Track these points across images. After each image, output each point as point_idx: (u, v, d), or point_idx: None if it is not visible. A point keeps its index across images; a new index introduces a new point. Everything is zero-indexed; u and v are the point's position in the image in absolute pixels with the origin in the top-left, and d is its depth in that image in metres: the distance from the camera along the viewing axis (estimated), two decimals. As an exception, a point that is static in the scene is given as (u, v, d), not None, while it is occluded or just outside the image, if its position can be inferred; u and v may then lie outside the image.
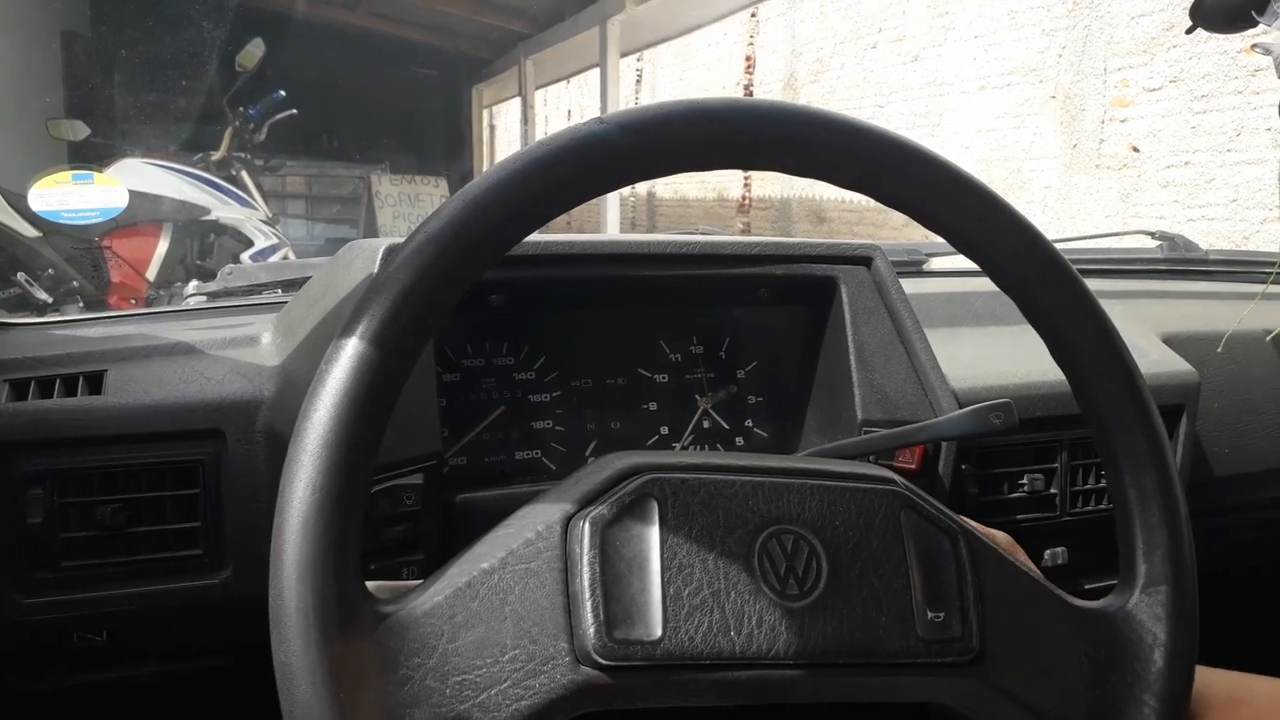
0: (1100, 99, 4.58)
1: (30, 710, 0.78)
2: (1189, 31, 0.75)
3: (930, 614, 0.50)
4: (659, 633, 0.45)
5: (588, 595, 0.45)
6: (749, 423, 0.94)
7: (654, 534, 0.47)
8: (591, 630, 0.45)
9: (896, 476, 0.53)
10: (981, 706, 0.50)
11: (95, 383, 0.80)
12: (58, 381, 0.79)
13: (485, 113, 12.07)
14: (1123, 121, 4.46)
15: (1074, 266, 0.52)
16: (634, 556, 0.47)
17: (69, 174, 1.11)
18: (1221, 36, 3.58)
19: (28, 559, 0.74)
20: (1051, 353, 0.53)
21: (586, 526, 0.47)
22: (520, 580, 0.45)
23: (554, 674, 0.44)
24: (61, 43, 5.56)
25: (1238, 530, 1.20)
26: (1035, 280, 0.52)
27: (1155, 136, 4.30)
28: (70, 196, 1.10)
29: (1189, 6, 1.01)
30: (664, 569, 0.47)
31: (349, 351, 0.42)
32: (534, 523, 0.47)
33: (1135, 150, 4.40)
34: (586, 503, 0.48)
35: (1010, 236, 0.51)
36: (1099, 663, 0.52)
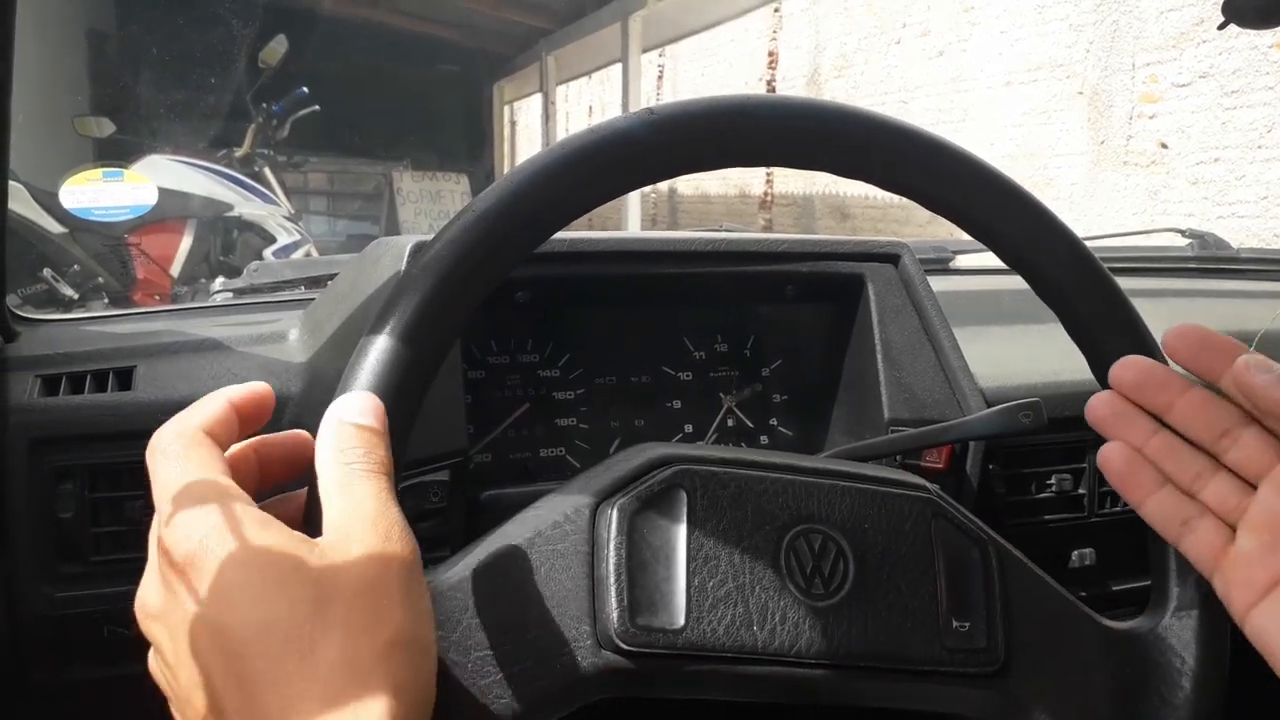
0: (1128, 94, 4.53)
1: (54, 704, 0.79)
2: (1221, 27, 0.74)
3: (956, 623, 0.49)
4: (682, 622, 0.45)
5: (612, 580, 0.45)
6: (774, 421, 0.93)
7: (681, 524, 0.47)
8: (615, 615, 0.45)
9: (929, 484, 0.53)
10: (1002, 719, 0.50)
11: (125, 378, 0.81)
12: (88, 377, 0.80)
13: (506, 109, 12.10)
14: (1151, 117, 4.42)
15: (1114, 276, 0.52)
16: (660, 545, 0.47)
17: (99, 171, 1.12)
18: (1253, 32, 3.53)
19: (58, 553, 0.75)
20: (1090, 365, 0.53)
21: (615, 513, 0.47)
22: (546, 562, 0.46)
23: (575, 656, 0.44)
24: (87, 41, 5.62)
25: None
26: (1073, 288, 0.51)
27: (1184, 133, 4.25)
28: (101, 194, 1.11)
29: (1221, 1, 1.00)
30: (690, 559, 0.47)
31: (377, 349, 0.42)
32: (563, 507, 0.47)
33: (1164, 147, 4.35)
34: (616, 490, 0.48)
35: (1051, 244, 0.51)
36: (1125, 685, 0.51)
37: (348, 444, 0.38)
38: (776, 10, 7.87)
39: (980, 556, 0.51)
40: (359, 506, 0.36)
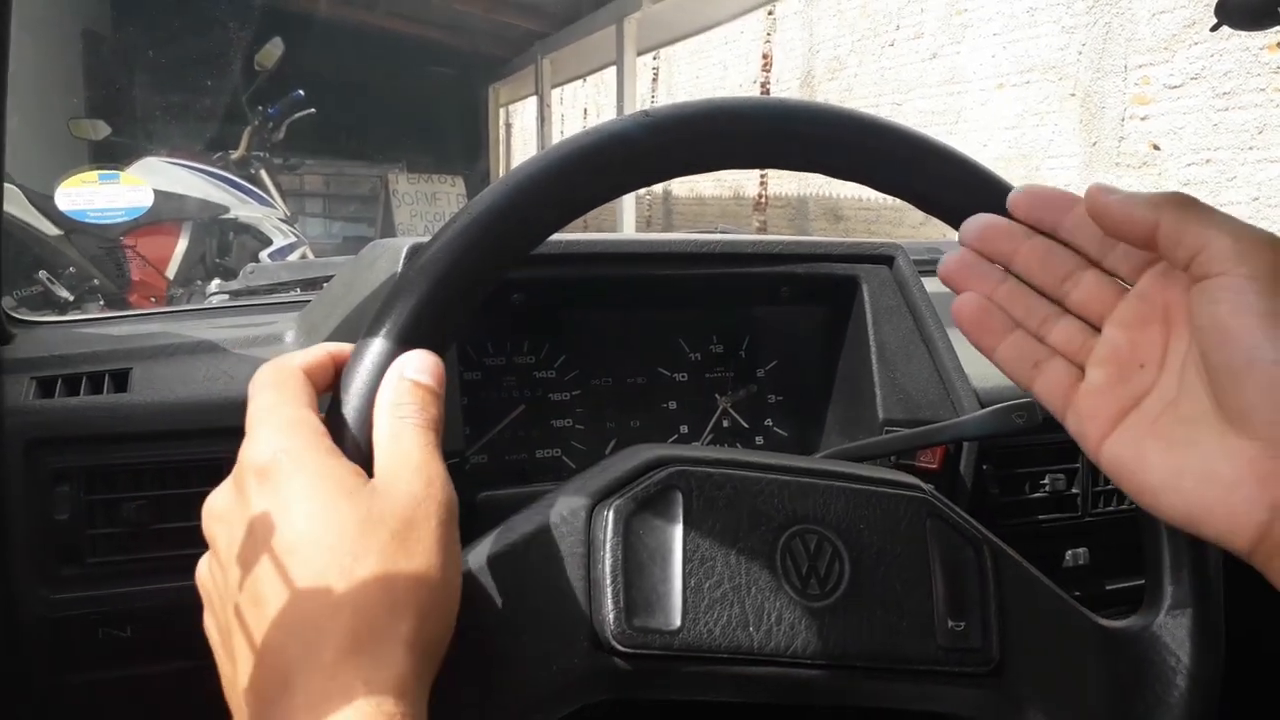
0: (1121, 96, 4.55)
1: (52, 706, 0.79)
2: (1214, 29, 0.74)
3: (951, 623, 0.49)
4: (678, 623, 0.45)
5: (609, 582, 0.45)
6: (769, 422, 0.94)
7: (677, 525, 0.47)
8: (611, 617, 0.45)
9: (924, 484, 0.53)
10: (998, 719, 0.50)
11: (121, 380, 0.81)
12: (84, 379, 0.80)
13: (502, 111, 12.09)
14: (1143, 119, 4.43)
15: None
16: (657, 546, 0.47)
17: (95, 174, 1.12)
18: (1245, 34, 3.55)
19: (55, 555, 0.75)
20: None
21: (611, 514, 0.47)
22: (543, 563, 0.46)
23: (571, 658, 0.44)
24: (83, 42, 5.61)
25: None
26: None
27: (1176, 134, 4.26)
28: (97, 196, 1.11)
29: (1214, 3, 1.00)
30: (686, 560, 0.47)
31: (374, 351, 0.42)
32: (559, 508, 0.47)
33: (1156, 148, 4.37)
34: (611, 491, 0.48)
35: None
36: (1120, 683, 0.52)
37: (404, 398, 0.41)
38: (771, 13, 7.88)
39: (975, 556, 0.51)
40: (407, 455, 0.40)
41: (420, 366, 0.42)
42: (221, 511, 0.40)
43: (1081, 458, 0.95)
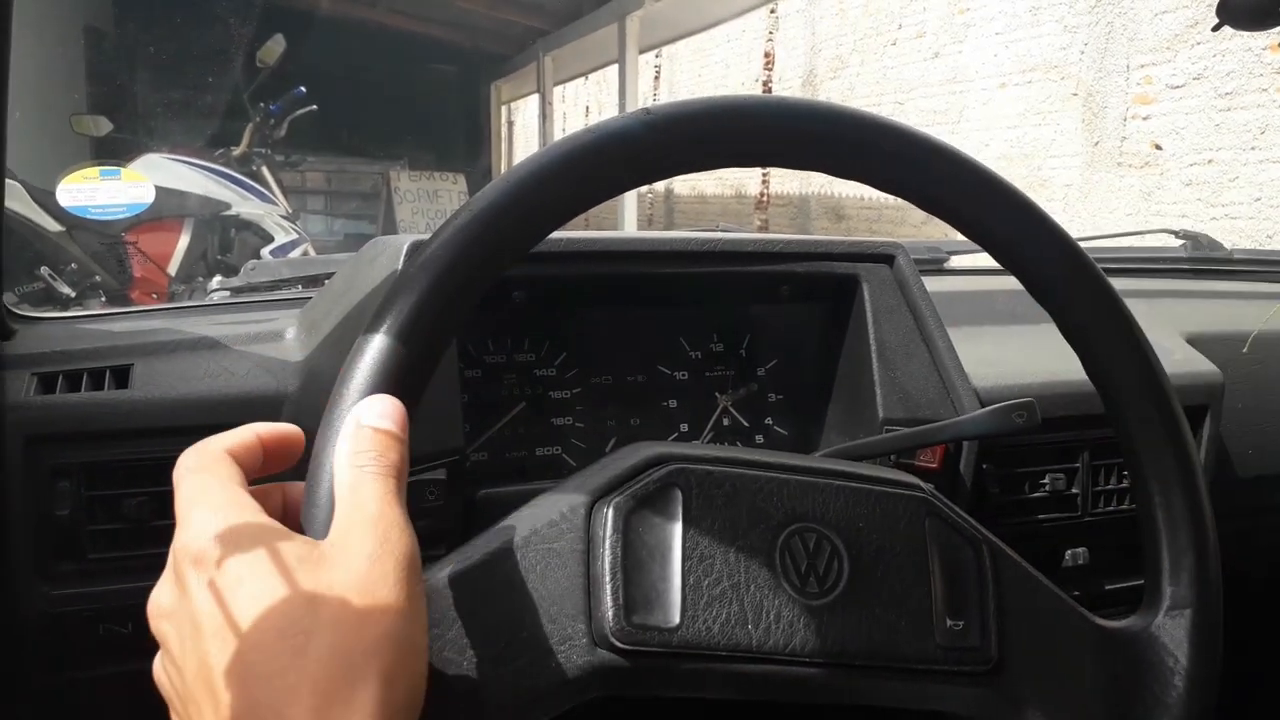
0: (1123, 96, 4.54)
1: (52, 702, 0.79)
2: (1216, 29, 0.75)
3: (950, 622, 0.49)
4: (677, 620, 0.45)
5: (608, 579, 0.45)
6: (769, 420, 0.94)
7: (677, 523, 0.47)
8: (610, 614, 0.45)
9: (923, 483, 0.53)
10: (996, 718, 0.50)
11: (122, 377, 0.81)
12: (85, 375, 0.80)
13: (503, 109, 12.09)
14: (1145, 119, 4.43)
15: (1109, 279, 0.52)
16: (656, 544, 0.47)
17: (96, 169, 1.12)
18: (1247, 34, 3.54)
19: (55, 551, 0.75)
20: (1084, 366, 0.53)
21: (610, 512, 0.47)
22: (542, 560, 0.46)
23: (570, 654, 0.44)
24: (85, 39, 5.60)
25: (1259, 533, 1.19)
26: (1070, 293, 0.52)
27: (1178, 134, 4.26)
28: (98, 192, 1.11)
29: (1216, 3, 1.00)
30: (685, 558, 0.47)
31: (374, 347, 0.42)
32: (559, 505, 0.47)
33: (1158, 148, 4.36)
34: (611, 489, 0.48)
35: (1045, 244, 0.51)
36: (1118, 683, 0.52)
37: (362, 447, 0.40)
38: (773, 11, 7.88)
39: (974, 555, 0.51)
40: (362, 508, 0.38)
41: (380, 411, 0.40)
42: (167, 609, 0.39)
43: (1083, 456, 0.95)
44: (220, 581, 0.36)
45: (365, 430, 0.40)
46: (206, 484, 0.40)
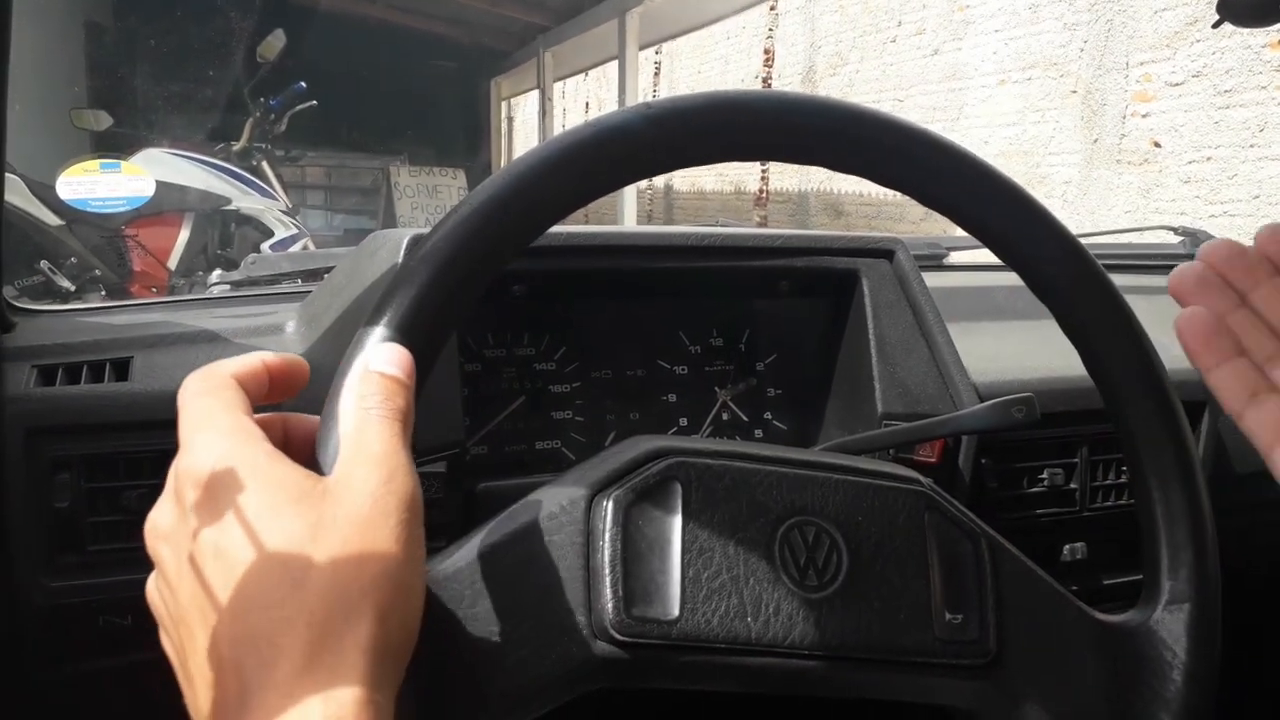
0: (1122, 93, 4.54)
1: (53, 693, 0.79)
2: (1215, 25, 0.74)
3: (949, 615, 0.50)
4: (676, 613, 0.46)
5: (607, 571, 0.45)
6: (768, 415, 0.94)
7: (676, 516, 0.47)
8: (610, 606, 0.45)
9: (922, 477, 0.53)
10: (994, 711, 0.50)
11: (121, 369, 0.81)
12: (85, 368, 0.80)
13: (503, 105, 12.07)
14: (1144, 116, 4.43)
15: (1110, 276, 0.52)
16: (655, 537, 0.47)
17: (96, 163, 1.12)
18: (1246, 31, 3.54)
19: (55, 543, 0.75)
20: (1084, 362, 0.53)
21: (610, 505, 0.47)
22: (542, 552, 0.46)
23: (570, 647, 0.44)
24: (85, 33, 5.60)
25: (1258, 529, 1.20)
26: (1071, 289, 0.52)
27: (1177, 131, 4.26)
28: (98, 185, 1.11)
29: (1216, 0, 1.00)
30: (684, 551, 0.47)
31: (374, 341, 0.42)
32: (559, 498, 0.47)
33: (1157, 145, 4.36)
34: (611, 482, 0.48)
35: (1047, 242, 0.51)
36: (1117, 677, 0.52)
37: (369, 390, 0.40)
38: (773, 8, 7.87)
39: (973, 549, 0.51)
40: (367, 448, 0.38)
41: (388, 359, 0.41)
42: (165, 529, 0.39)
43: (1081, 452, 0.95)
44: (224, 505, 0.36)
45: (373, 375, 0.40)
46: (212, 408, 0.40)
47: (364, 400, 0.40)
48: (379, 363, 0.41)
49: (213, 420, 0.39)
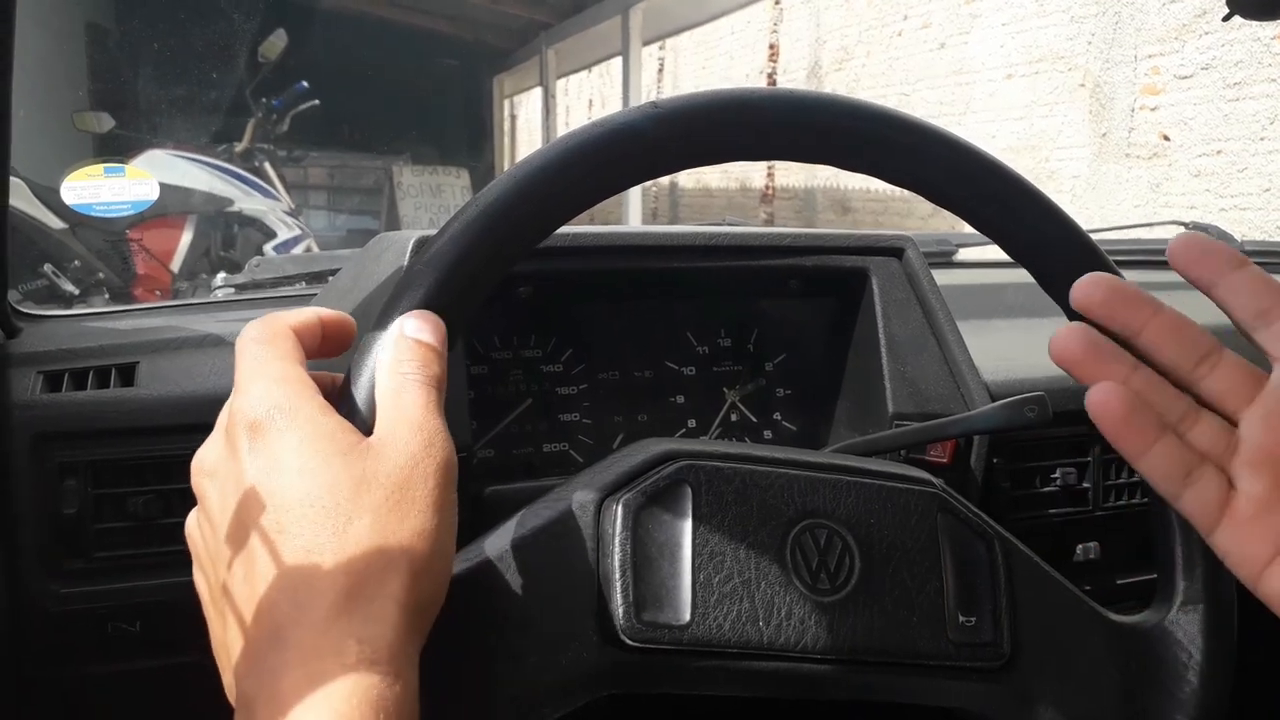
0: (1130, 87, 4.52)
1: (60, 700, 0.79)
2: (1226, 18, 0.74)
3: (962, 617, 0.49)
4: (687, 617, 0.45)
5: (618, 576, 0.45)
6: (777, 415, 0.93)
7: (686, 520, 0.47)
8: (620, 611, 0.45)
9: (934, 478, 0.53)
10: (1008, 714, 0.50)
11: (128, 375, 0.80)
12: (90, 373, 0.80)
13: (506, 103, 12.08)
14: (1153, 110, 4.41)
15: (1121, 272, 0.51)
16: (666, 541, 0.47)
17: (100, 167, 1.12)
18: (1256, 24, 3.52)
19: (62, 549, 0.75)
20: None
21: (620, 509, 0.46)
22: (552, 557, 0.46)
23: (580, 651, 0.44)
24: (87, 35, 5.61)
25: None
26: None
27: (1186, 125, 4.24)
28: (102, 189, 1.11)
29: (1227, -8, 0.99)
30: (695, 555, 0.46)
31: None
32: (568, 502, 0.47)
33: (1166, 139, 4.34)
34: (620, 486, 0.48)
35: (1057, 240, 0.51)
36: (1132, 678, 0.51)
37: (405, 356, 0.41)
38: (777, 3, 7.85)
39: (986, 551, 0.51)
40: (406, 412, 0.40)
41: (422, 326, 0.42)
42: (211, 466, 0.40)
43: (1094, 450, 0.94)
44: (274, 450, 0.38)
45: (408, 341, 0.41)
46: (269, 355, 0.41)
47: (399, 365, 0.41)
48: (414, 329, 0.41)
49: (268, 367, 0.40)
